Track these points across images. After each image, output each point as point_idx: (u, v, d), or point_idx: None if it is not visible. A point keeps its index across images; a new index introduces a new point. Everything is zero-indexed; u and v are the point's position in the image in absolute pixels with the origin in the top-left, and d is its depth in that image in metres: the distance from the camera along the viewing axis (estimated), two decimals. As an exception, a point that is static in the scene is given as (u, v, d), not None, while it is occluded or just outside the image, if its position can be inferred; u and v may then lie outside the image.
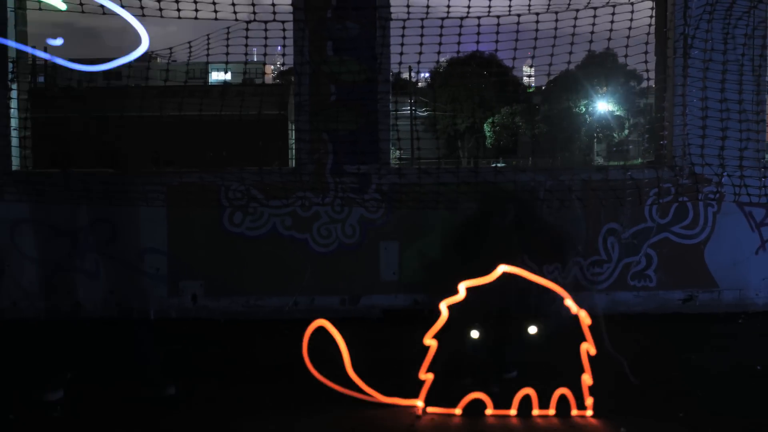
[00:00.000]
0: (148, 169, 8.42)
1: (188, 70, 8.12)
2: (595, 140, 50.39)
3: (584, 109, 49.25)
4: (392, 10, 8.31)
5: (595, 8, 8.13)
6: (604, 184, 8.27)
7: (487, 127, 49.18)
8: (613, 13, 8.21)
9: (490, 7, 7.91)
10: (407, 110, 11.54)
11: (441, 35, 7.90)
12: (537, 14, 8.07)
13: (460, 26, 8.10)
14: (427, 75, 44.94)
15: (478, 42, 8.09)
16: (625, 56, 8.23)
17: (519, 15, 8.05)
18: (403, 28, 8.06)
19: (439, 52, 8.05)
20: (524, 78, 51.33)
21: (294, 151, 8.28)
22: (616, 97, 48.75)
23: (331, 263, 8.24)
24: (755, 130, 8.33)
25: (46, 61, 7.72)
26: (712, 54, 8.23)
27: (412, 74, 11.38)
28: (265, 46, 8.10)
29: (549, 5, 8.01)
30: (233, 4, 7.93)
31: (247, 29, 8.01)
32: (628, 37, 8.18)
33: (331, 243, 8.23)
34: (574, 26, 8.26)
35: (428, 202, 8.19)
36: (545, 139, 47.69)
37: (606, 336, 6.06)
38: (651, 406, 5.54)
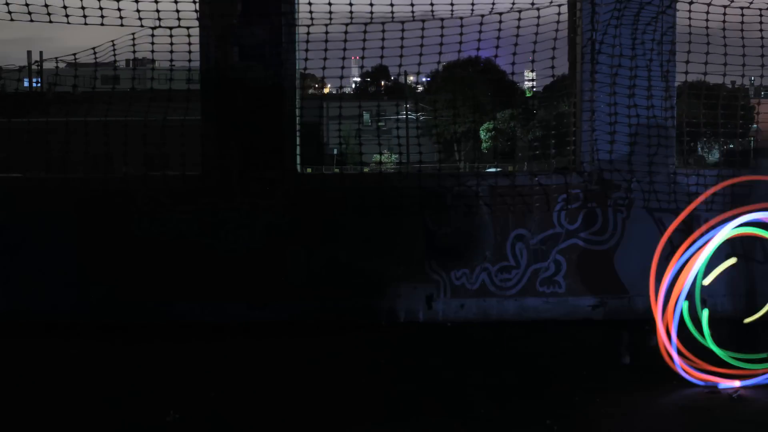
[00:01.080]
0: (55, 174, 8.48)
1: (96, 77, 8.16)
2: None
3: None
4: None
5: (500, 13, 8.16)
6: (512, 190, 8.27)
7: (482, 133, 49.21)
8: (519, 19, 8.27)
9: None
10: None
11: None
12: (442, 20, 8.10)
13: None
14: (425, 79, 45.11)
15: (383, 47, 8.13)
16: (532, 61, 8.25)
17: (423, 21, 8.08)
18: (307, 33, 8.12)
19: (343, 58, 8.10)
20: (526, 82, 51.28)
21: (201, 156, 8.30)
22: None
23: (239, 268, 8.25)
24: (665, 136, 8.31)
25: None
26: (621, 60, 8.22)
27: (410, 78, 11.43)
28: (171, 52, 8.16)
29: (452, 11, 8.04)
30: (138, 11, 7.99)
31: (153, 35, 8.07)
32: (534, 42, 8.21)
33: (238, 248, 8.25)
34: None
35: (335, 207, 8.22)
36: (540, 142, 47.63)
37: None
38: None
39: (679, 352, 5.99)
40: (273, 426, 5.24)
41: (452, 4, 7.94)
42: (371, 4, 7.94)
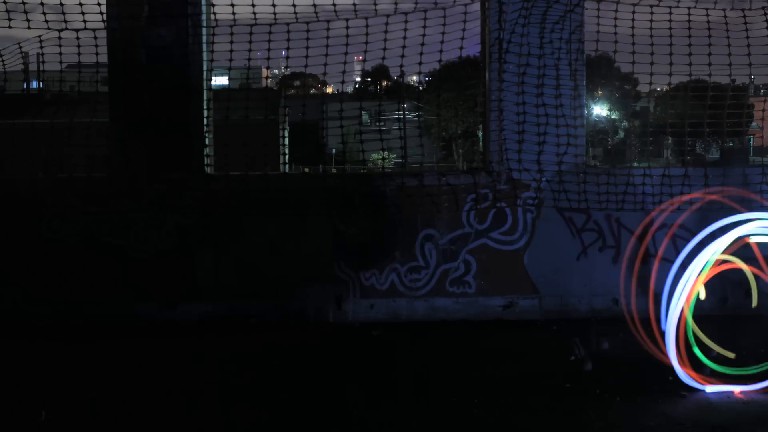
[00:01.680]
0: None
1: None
2: (590, 144, 50.09)
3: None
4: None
5: (406, 13, 8.14)
6: (420, 190, 8.25)
7: (480, 132, 49.11)
8: (445, 16, 8.25)
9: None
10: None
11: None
12: (347, 20, 8.10)
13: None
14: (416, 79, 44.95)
15: (288, 48, 8.13)
16: (439, 61, 8.25)
17: (328, 21, 8.08)
18: (212, 34, 8.14)
19: (249, 58, 8.11)
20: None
21: (109, 157, 8.33)
22: (611, 100, 48.50)
23: (148, 269, 8.27)
24: (574, 135, 8.26)
25: None
26: (529, 59, 8.19)
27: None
28: (79, 54, 8.20)
29: (356, 10, 8.04)
30: (44, 13, 8.04)
31: (60, 38, 8.11)
32: (442, 42, 8.19)
33: (147, 249, 8.27)
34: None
35: (243, 208, 8.23)
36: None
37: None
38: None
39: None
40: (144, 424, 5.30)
41: (354, 5, 7.93)
42: (273, 5, 7.94)
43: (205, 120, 8.28)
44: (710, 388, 5.81)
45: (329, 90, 43.22)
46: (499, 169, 8.28)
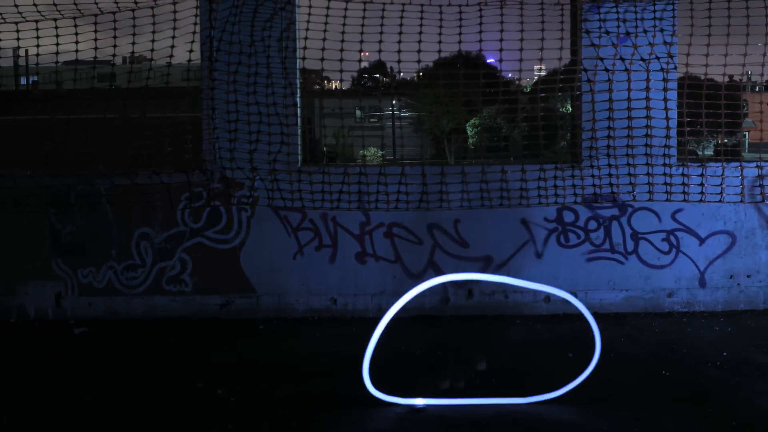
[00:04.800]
0: None
1: None
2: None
3: (570, 109, 48.43)
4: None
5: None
6: (134, 188, 8.27)
7: (469, 129, 48.82)
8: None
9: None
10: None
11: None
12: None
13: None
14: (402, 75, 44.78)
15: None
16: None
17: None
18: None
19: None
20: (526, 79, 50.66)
21: None
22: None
23: None
24: (287, 134, 8.22)
25: None
26: (241, 57, 8.15)
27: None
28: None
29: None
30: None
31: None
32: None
33: None
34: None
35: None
36: (528, 138, 46.96)
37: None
38: None
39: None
40: None
41: None
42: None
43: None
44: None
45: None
46: (212, 168, 8.28)
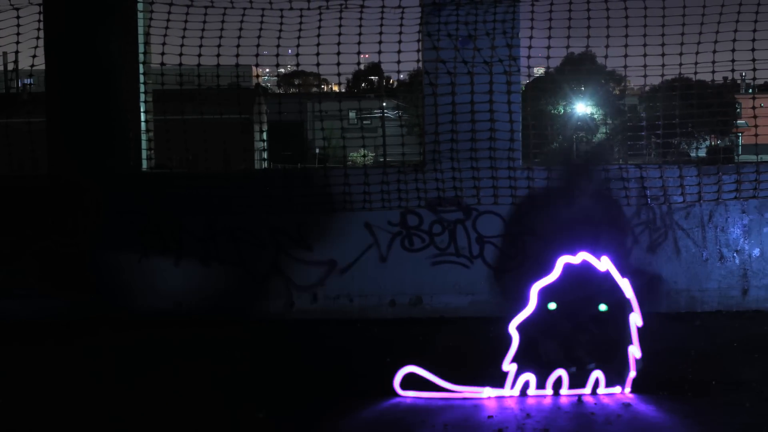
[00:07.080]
0: None
1: None
2: (575, 142, 49.29)
3: (562, 111, 48.24)
4: None
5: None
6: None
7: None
8: None
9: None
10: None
11: None
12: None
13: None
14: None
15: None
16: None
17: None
18: None
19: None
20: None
21: None
22: (595, 98, 47.74)
23: None
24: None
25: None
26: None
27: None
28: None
29: None
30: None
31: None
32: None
33: None
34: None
35: None
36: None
37: None
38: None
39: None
40: None
41: None
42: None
43: None
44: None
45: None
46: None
